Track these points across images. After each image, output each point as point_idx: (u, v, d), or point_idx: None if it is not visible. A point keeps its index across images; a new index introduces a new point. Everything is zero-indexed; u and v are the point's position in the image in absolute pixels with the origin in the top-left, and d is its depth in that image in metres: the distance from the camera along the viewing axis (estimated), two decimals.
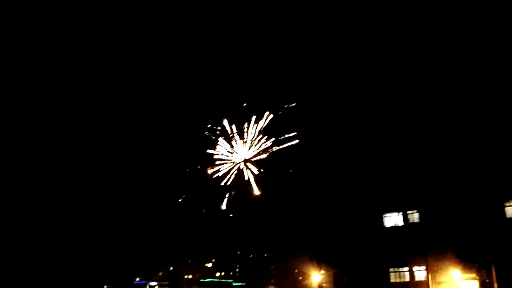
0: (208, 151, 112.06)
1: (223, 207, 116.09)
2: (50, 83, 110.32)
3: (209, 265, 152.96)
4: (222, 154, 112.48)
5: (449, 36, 74.60)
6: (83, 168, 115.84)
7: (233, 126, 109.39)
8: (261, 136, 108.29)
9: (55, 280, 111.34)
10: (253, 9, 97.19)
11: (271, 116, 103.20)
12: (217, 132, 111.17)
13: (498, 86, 68.72)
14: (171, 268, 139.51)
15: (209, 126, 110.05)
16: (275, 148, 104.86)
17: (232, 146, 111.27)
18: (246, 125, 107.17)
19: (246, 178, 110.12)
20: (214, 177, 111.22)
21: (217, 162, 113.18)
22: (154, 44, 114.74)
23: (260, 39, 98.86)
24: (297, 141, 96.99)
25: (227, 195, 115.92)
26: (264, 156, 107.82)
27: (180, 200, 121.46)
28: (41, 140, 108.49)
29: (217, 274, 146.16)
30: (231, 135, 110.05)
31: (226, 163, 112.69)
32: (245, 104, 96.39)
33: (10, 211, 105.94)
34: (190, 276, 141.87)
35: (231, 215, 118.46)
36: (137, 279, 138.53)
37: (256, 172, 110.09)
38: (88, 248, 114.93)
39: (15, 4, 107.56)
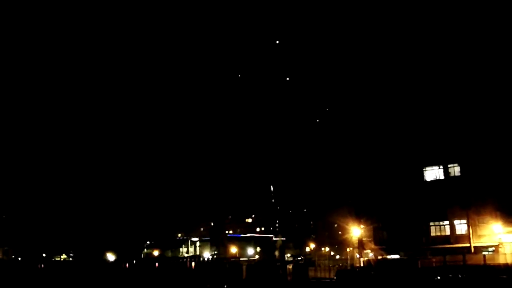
0: None
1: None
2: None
3: (249, 220, 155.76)
4: None
5: None
6: (128, 130, 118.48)
7: None
8: None
9: (101, 236, 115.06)
10: None
11: None
12: None
13: None
14: (212, 224, 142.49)
15: None
16: None
17: None
18: None
19: None
20: None
21: None
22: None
23: None
24: None
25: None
26: None
27: (218, 156, 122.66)
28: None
29: (257, 230, 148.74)
30: None
31: None
32: None
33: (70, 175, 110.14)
34: (231, 232, 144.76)
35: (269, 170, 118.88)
36: (179, 235, 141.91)
37: None
38: (131, 205, 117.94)
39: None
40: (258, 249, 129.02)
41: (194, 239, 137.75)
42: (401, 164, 72.13)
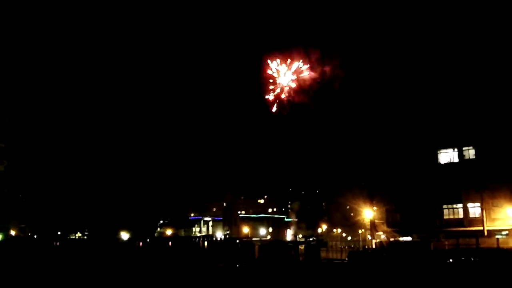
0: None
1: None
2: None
3: (262, 201, 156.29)
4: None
5: None
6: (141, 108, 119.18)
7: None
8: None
9: (115, 215, 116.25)
10: None
11: None
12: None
13: None
14: (225, 204, 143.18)
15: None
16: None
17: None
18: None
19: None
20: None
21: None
22: None
23: None
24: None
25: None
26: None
27: (232, 138, 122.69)
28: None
29: (270, 210, 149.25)
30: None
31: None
32: None
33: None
34: (243, 212, 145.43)
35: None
36: (192, 214, 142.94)
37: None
38: (145, 185, 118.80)
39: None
40: (270, 229, 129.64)
41: (206, 218, 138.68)
42: (415, 146, 71.65)
